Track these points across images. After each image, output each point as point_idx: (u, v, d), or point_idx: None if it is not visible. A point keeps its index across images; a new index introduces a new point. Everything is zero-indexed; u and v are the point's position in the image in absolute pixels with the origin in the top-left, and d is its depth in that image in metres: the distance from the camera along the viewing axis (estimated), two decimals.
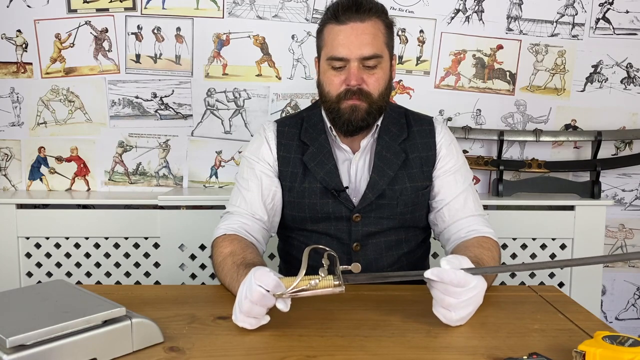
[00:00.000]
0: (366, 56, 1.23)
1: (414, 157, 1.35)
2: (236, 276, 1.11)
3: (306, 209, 1.34)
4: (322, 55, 1.30)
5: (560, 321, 1.05)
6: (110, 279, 2.02)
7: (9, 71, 2.05)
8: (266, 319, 0.97)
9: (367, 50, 1.23)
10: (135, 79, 2.07)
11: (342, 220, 1.32)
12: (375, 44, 1.24)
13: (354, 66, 1.23)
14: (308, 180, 1.33)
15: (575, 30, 2.08)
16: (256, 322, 0.97)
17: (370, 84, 1.25)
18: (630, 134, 2.11)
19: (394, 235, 1.35)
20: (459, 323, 1.00)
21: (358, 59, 1.23)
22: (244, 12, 2.04)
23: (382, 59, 1.26)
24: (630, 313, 2.26)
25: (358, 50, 1.22)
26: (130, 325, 0.88)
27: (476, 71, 2.10)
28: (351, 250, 1.33)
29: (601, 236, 2.02)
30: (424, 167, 1.35)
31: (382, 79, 1.27)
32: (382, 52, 1.25)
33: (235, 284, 1.08)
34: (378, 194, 1.31)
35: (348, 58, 1.23)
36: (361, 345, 0.93)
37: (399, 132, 1.36)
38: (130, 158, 2.12)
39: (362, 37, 1.23)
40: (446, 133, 1.39)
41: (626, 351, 0.77)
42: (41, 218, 1.99)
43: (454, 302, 0.97)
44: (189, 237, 1.98)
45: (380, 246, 1.34)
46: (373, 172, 1.32)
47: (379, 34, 1.25)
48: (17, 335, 0.78)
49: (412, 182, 1.33)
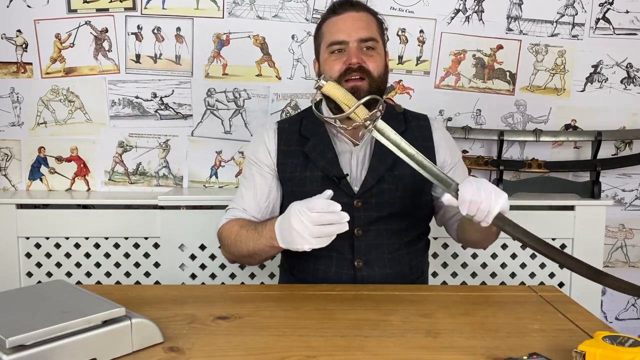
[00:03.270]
0: (363, 38, 1.33)
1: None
2: (261, 230, 1.24)
3: (307, 196, 1.35)
4: (321, 47, 1.39)
5: (560, 321, 1.05)
6: (110, 279, 2.02)
7: (9, 71, 2.05)
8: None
9: (363, 33, 1.34)
10: (135, 79, 2.07)
11: (344, 207, 1.34)
12: (370, 29, 1.36)
13: (354, 46, 1.33)
14: (309, 169, 1.38)
15: (575, 30, 2.08)
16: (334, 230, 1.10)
17: (370, 64, 1.33)
18: (630, 134, 2.11)
19: (395, 224, 1.38)
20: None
21: (356, 41, 1.33)
22: (244, 12, 2.04)
23: (378, 44, 1.36)
24: (630, 313, 2.26)
25: (355, 33, 1.33)
26: (130, 325, 0.88)
27: (476, 71, 2.10)
28: (353, 236, 1.35)
29: (601, 236, 2.02)
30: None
31: (380, 61, 1.36)
32: (377, 37, 1.36)
33: (264, 233, 1.22)
34: (378, 178, 1.35)
35: (347, 40, 1.33)
36: (361, 345, 0.93)
37: (397, 125, 1.41)
38: (130, 158, 2.12)
39: (358, 22, 1.35)
40: (442, 128, 1.50)
41: (626, 351, 0.77)
42: (41, 218, 1.99)
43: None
44: (189, 237, 1.98)
45: (381, 233, 1.37)
46: (373, 157, 1.38)
47: (373, 23, 1.38)
48: (17, 335, 0.78)
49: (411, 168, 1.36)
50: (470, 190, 1.10)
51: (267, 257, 1.31)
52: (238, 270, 2.03)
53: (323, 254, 1.36)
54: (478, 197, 1.09)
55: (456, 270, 2.06)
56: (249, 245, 1.27)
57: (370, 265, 1.36)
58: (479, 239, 1.40)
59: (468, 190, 1.10)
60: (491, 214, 1.10)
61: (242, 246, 1.30)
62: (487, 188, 1.11)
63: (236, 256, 1.35)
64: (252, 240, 1.26)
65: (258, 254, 1.27)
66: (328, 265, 1.37)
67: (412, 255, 1.42)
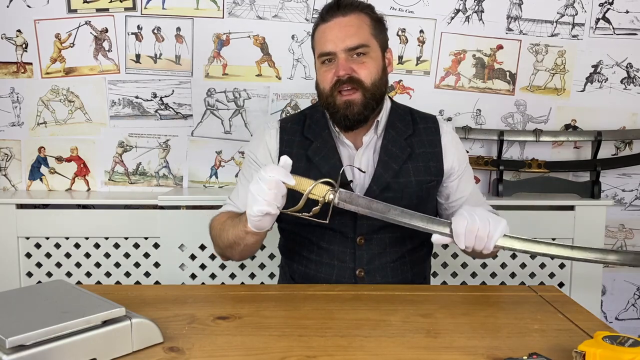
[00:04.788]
0: (351, 47, 1.27)
1: (420, 152, 1.37)
2: (241, 216, 1.21)
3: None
4: (315, 56, 1.36)
5: (560, 321, 1.05)
6: (110, 279, 2.02)
7: (9, 71, 2.05)
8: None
9: (351, 41, 1.27)
10: (135, 79, 2.07)
11: (347, 213, 1.33)
12: (360, 34, 1.29)
13: (342, 57, 1.28)
14: (312, 173, 1.33)
15: (575, 30, 2.08)
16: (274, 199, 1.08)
17: (361, 73, 1.28)
18: (630, 134, 2.11)
19: (399, 231, 1.35)
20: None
21: (344, 51, 1.27)
22: (244, 12, 2.04)
23: (370, 48, 1.29)
24: (630, 313, 2.26)
25: (342, 42, 1.27)
26: (129, 325, 0.88)
27: (476, 71, 2.10)
28: (355, 245, 1.34)
29: (601, 236, 2.02)
30: (429, 162, 1.38)
31: (373, 67, 1.30)
32: (368, 42, 1.29)
33: (242, 217, 1.19)
34: (382, 186, 1.33)
35: (334, 51, 1.28)
36: (361, 345, 0.93)
37: (405, 128, 1.39)
38: (130, 158, 2.12)
39: (345, 29, 1.28)
40: (451, 132, 1.44)
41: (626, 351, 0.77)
42: (41, 218, 1.99)
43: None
44: (189, 237, 1.98)
45: (384, 241, 1.35)
46: (378, 165, 1.34)
47: (363, 25, 1.30)
48: (17, 335, 0.78)
49: (417, 176, 1.35)
50: (462, 222, 1.09)
51: (246, 249, 1.26)
52: (238, 270, 2.03)
53: (324, 262, 1.36)
54: (473, 226, 1.08)
55: (456, 270, 2.06)
56: (229, 234, 1.25)
57: (372, 274, 1.34)
58: (483, 257, 1.38)
59: (460, 222, 1.09)
60: (491, 239, 1.09)
61: (224, 236, 1.28)
62: (482, 215, 1.10)
63: (221, 247, 1.32)
64: (232, 227, 1.24)
65: (237, 242, 1.23)
66: (329, 274, 1.35)
67: (415, 263, 1.40)
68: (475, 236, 1.09)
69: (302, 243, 1.39)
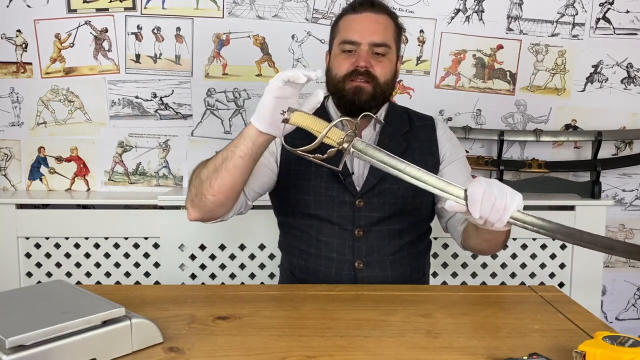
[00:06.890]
0: (376, 42, 1.31)
1: (417, 146, 1.40)
2: (231, 142, 1.17)
3: (310, 191, 1.36)
4: (334, 42, 1.37)
5: (560, 321, 1.05)
6: (110, 279, 2.02)
7: (8, 71, 2.05)
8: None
9: (377, 37, 1.31)
10: (135, 79, 2.07)
11: (345, 205, 1.35)
12: (386, 34, 1.33)
13: (364, 50, 1.30)
14: (313, 164, 1.34)
15: (576, 30, 2.08)
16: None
17: (378, 70, 1.31)
18: (630, 134, 2.11)
19: (397, 224, 1.37)
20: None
21: (369, 44, 1.31)
22: (244, 12, 2.04)
23: (390, 50, 1.34)
24: (630, 313, 2.26)
25: (369, 36, 1.31)
26: (129, 325, 0.88)
27: (476, 71, 2.10)
28: (354, 237, 1.35)
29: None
30: (425, 156, 1.40)
31: (388, 68, 1.34)
32: (390, 43, 1.34)
33: (237, 137, 1.17)
34: (380, 177, 1.34)
35: (360, 42, 1.31)
36: (361, 345, 0.93)
37: (402, 125, 1.42)
38: (130, 158, 2.12)
39: (374, 25, 1.32)
40: (447, 129, 1.48)
41: (626, 351, 0.77)
42: (41, 218, 1.99)
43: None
44: (189, 237, 1.98)
45: (382, 234, 1.36)
46: None
47: (389, 27, 1.35)
48: (16, 335, 0.78)
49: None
50: (480, 188, 1.00)
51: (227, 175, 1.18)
52: (238, 270, 2.03)
53: (323, 255, 1.36)
54: (491, 194, 0.99)
55: (456, 270, 2.06)
56: (217, 158, 1.18)
57: (371, 267, 1.35)
58: (486, 248, 1.33)
59: (478, 189, 0.99)
60: (507, 211, 0.99)
61: (209, 165, 1.20)
62: (500, 185, 1.02)
63: (200, 180, 1.23)
64: (222, 151, 1.18)
65: (224, 164, 1.17)
66: (328, 267, 1.36)
67: (414, 257, 1.42)
68: (492, 205, 0.99)
69: (301, 237, 1.41)
